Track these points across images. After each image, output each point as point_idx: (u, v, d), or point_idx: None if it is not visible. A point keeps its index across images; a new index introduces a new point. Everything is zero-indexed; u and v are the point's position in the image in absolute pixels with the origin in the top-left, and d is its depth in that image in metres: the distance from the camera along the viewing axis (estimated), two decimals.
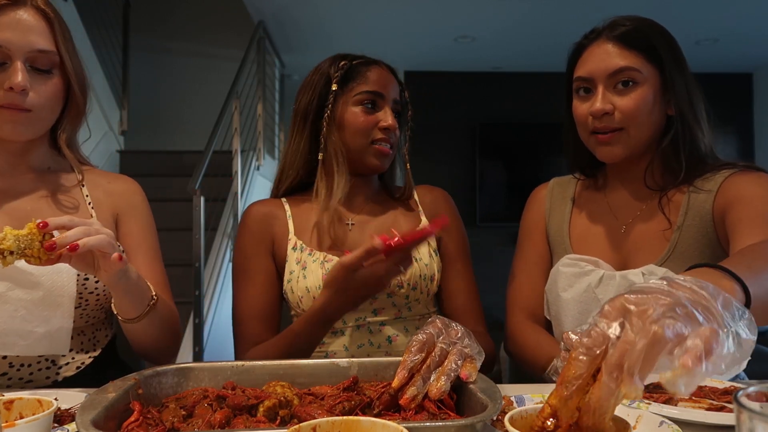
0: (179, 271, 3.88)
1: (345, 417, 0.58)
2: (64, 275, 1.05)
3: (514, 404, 0.83)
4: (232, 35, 5.68)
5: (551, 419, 0.56)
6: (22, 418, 0.71)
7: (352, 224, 1.31)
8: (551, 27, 5.13)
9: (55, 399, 0.74)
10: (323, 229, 1.27)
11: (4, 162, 1.13)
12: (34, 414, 0.71)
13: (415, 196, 1.37)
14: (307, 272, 1.22)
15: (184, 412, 0.76)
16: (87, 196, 1.19)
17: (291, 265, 1.25)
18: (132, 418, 0.73)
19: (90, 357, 1.16)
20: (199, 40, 5.96)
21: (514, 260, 1.33)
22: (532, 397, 0.86)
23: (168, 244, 1.16)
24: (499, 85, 6.55)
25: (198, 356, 3.49)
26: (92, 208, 1.17)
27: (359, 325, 1.24)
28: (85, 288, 1.10)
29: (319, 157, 1.28)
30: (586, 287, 1.13)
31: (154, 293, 1.06)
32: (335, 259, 1.21)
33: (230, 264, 4.17)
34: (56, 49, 1.06)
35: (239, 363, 0.89)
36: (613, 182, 1.26)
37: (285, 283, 1.26)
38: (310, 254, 1.24)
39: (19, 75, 0.99)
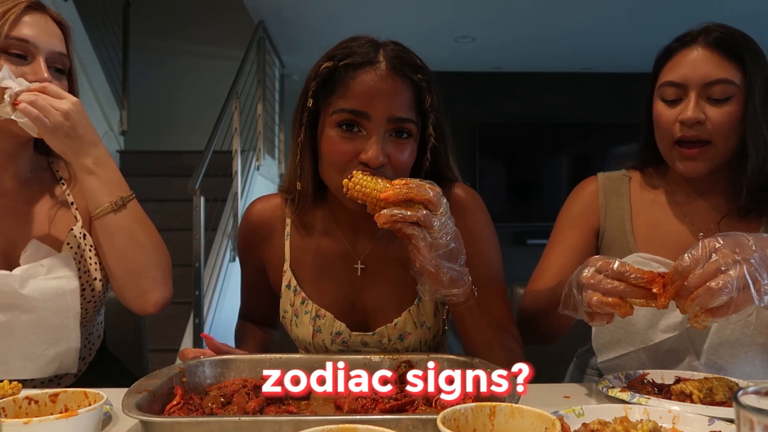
0: (179, 271, 3.84)
1: (342, 425, 0.58)
2: (68, 298, 1.06)
3: None
4: (232, 35, 5.68)
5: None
6: (67, 410, 0.75)
7: (362, 267, 1.12)
8: (551, 27, 5.13)
9: (102, 391, 0.77)
10: (323, 275, 1.12)
11: None
12: (79, 406, 0.75)
13: None
14: (299, 322, 1.12)
15: (223, 400, 0.83)
16: (70, 196, 1.18)
17: (285, 304, 1.14)
18: (174, 402, 0.79)
19: (86, 363, 1.18)
20: (199, 40, 5.97)
21: (548, 246, 1.30)
22: None
23: (168, 244, 1.16)
24: (499, 85, 6.55)
25: None
26: (76, 209, 1.16)
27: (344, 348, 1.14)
28: (83, 297, 1.10)
29: (297, 187, 1.07)
30: None
31: (132, 194, 1.10)
32: (328, 315, 1.10)
33: (230, 264, 4.17)
34: (68, 55, 1.13)
35: (277, 356, 0.97)
36: (686, 188, 1.22)
37: (281, 312, 1.16)
38: (302, 303, 1.12)
39: (44, 71, 1.05)
